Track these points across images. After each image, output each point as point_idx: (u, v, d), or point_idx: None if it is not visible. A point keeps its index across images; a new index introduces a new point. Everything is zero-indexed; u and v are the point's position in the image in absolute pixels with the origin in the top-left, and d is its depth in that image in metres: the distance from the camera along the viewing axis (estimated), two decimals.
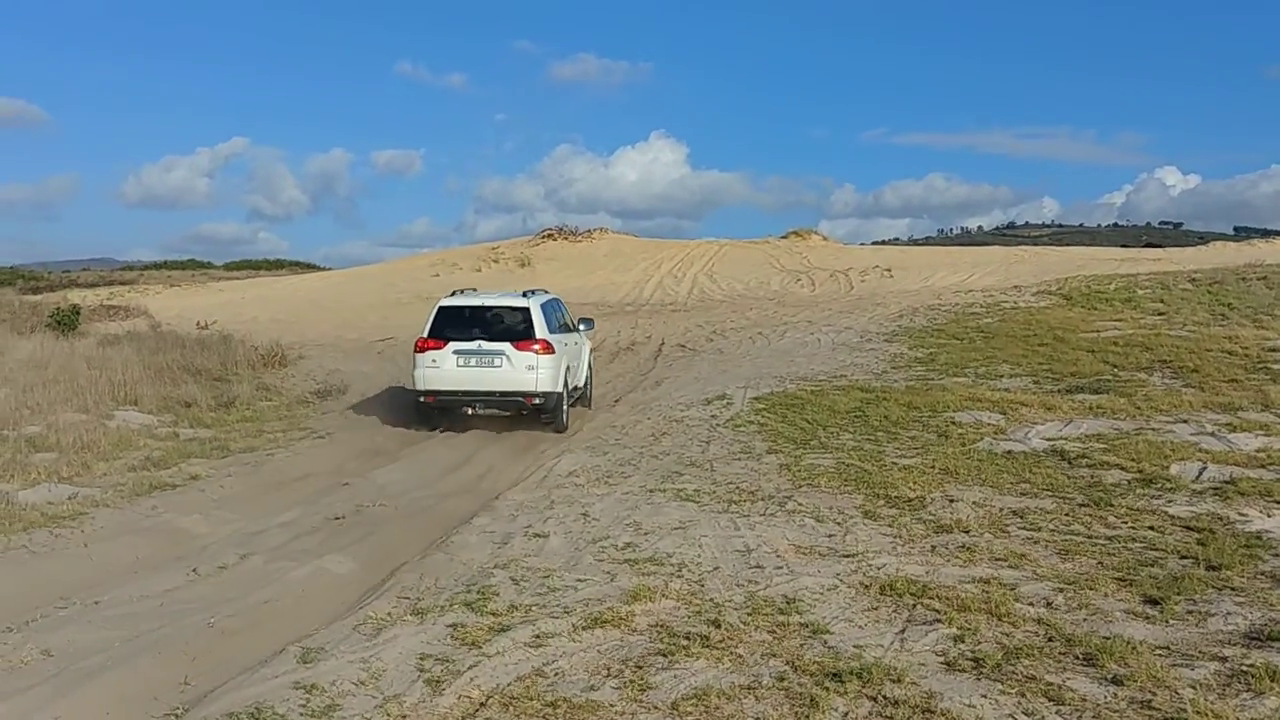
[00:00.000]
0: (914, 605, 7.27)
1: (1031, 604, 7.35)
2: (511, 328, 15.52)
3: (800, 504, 10.32)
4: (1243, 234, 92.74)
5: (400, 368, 23.31)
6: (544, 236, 54.79)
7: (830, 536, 9.18)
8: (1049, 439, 13.72)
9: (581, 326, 18.41)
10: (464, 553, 8.79)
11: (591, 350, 19.24)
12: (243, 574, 8.37)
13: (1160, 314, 27.56)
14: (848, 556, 8.51)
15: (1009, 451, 12.99)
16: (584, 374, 17.80)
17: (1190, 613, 7.07)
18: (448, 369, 15.23)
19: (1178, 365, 19.15)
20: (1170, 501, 10.40)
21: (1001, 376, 19.23)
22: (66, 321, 29.08)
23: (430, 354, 15.40)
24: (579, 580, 7.81)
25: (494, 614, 7.08)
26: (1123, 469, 11.78)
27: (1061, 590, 7.65)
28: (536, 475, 12.28)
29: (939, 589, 7.60)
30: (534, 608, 7.18)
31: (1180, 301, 29.66)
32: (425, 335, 15.68)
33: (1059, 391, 17.46)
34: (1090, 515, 9.93)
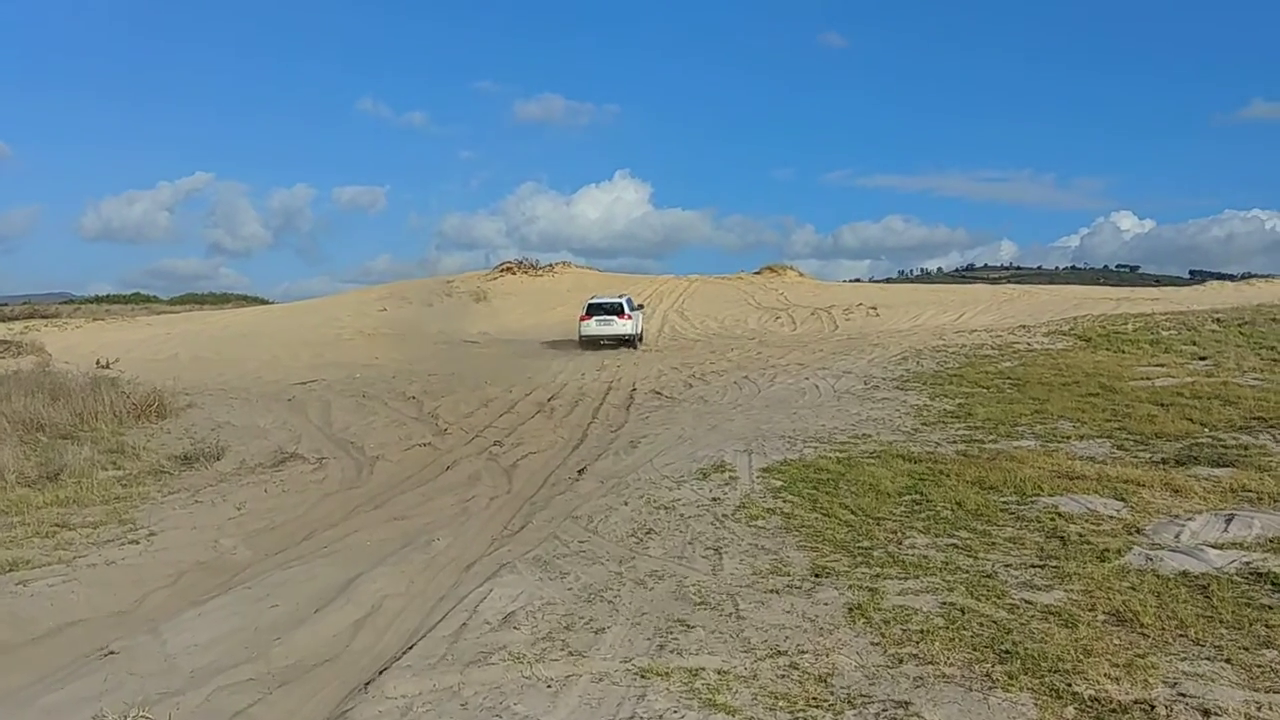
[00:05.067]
0: None
1: None
2: (615, 309, 31.17)
3: None
4: (1198, 277, 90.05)
5: (309, 419, 18.14)
6: (502, 270, 49.56)
7: None
8: (1219, 547, 8.93)
9: (640, 307, 33.91)
10: None
11: (644, 318, 34.26)
12: None
13: (1202, 358, 23.05)
14: None
15: (1185, 573, 8.09)
16: (641, 329, 32.55)
17: None
18: (592, 327, 30.87)
19: None
20: None
21: (1069, 438, 14.47)
22: None
23: (586, 321, 31.02)
24: None
25: None
26: None
27: None
28: (450, 623, 7.11)
29: None
30: None
31: (1215, 344, 25.18)
32: (584, 314, 31.39)
33: (1162, 462, 12.77)
34: None
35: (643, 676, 5.96)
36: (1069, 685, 5.68)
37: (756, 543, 9.15)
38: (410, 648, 6.71)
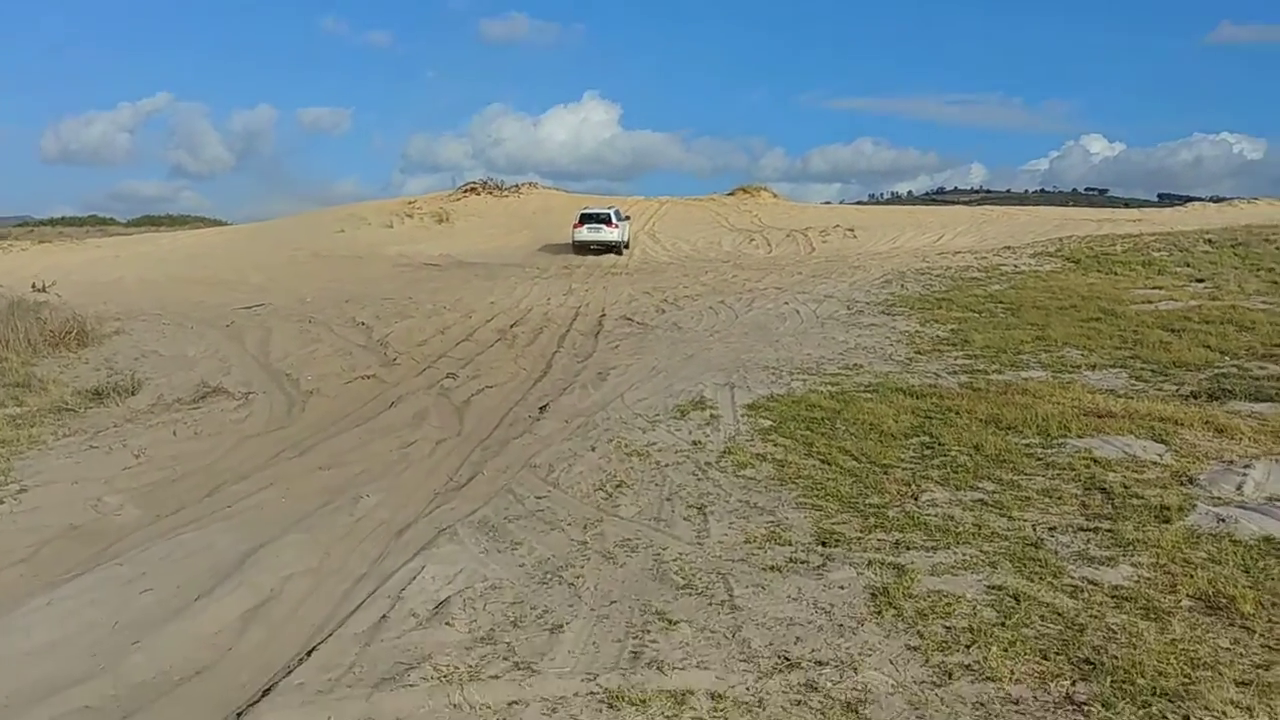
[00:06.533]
0: None
1: None
2: (604, 218, 34.46)
3: None
4: (1167, 200, 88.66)
5: (244, 348, 16.29)
6: (466, 190, 47.22)
7: None
8: None
9: (626, 218, 36.85)
10: None
11: (631, 231, 36.78)
12: None
13: (1199, 280, 21.66)
14: None
15: (1269, 539, 6.65)
16: (629, 237, 35.55)
17: None
18: (584, 233, 33.98)
19: None
20: None
21: (1080, 367, 13.06)
22: None
23: (578, 229, 34.06)
24: None
25: None
26: None
27: None
28: (365, 616, 5.49)
29: None
30: None
31: (1211, 265, 23.81)
32: (576, 222, 34.44)
33: (1192, 396, 11.38)
34: None
35: (611, 706, 4.37)
36: None
37: (747, 499, 7.55)
38: (309, 653, 5.08)
